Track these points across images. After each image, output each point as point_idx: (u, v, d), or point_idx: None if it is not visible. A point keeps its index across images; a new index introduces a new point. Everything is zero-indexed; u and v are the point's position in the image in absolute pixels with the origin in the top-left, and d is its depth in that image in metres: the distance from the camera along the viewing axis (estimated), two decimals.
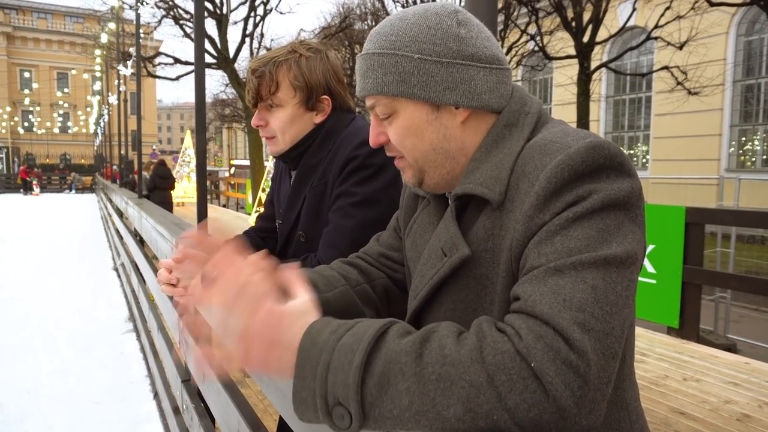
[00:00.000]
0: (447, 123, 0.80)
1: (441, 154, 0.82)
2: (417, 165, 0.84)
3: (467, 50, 0.77)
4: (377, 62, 0.80)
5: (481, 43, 0.79)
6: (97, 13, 20.23)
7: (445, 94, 0.78)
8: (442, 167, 0.83)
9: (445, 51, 0.77)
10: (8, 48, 48.82)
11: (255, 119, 1.38)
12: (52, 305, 6.56)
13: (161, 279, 1.32)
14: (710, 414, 3.00)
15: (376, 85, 0.80)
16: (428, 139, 0.81)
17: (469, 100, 0.78)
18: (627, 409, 0.78)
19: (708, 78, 13.89)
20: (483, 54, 0.78)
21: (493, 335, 0.59)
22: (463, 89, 0.78)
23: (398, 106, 0.81)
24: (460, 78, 0.77)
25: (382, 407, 0.59)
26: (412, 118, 0.80)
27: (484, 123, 0.81)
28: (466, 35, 0.78)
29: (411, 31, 0.78)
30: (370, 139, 0.87)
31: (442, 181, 0.84)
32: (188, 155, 22.80)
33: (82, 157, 52.40)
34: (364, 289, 1.00)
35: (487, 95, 0.79)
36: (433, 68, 0.77)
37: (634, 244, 0.65)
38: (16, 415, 3.64)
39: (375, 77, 0.80)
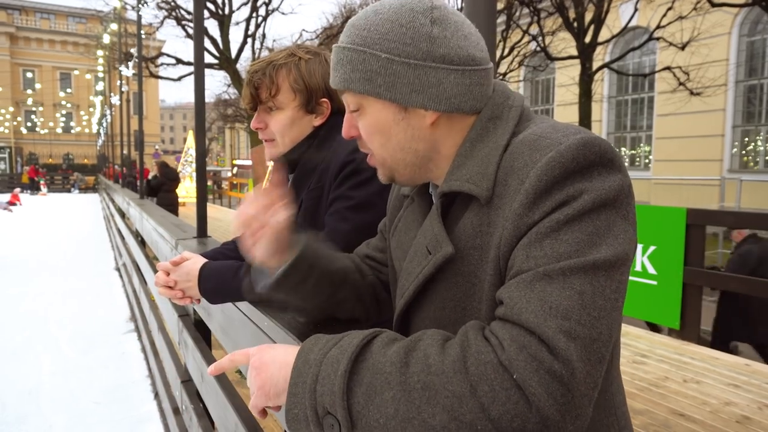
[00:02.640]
0: (415, 124, 0.78)
1: (410, 153, 0.80)
2: (386, 163, 0.83)
3: (438, 51, 0.74)
4: (346, 57, 0.78)
5: (456, 43, 0.75)
6: (100, 14, 20.30)
7: (411, 97, 0.76)
8: (413, 165, 0.81)
9: (414, 51, 0.74)
10: (11, 48, 48.94)
11: (254, 122, 1.39)
12: (54, 305, 6.58)
13: (159, 281, 1.33)
14: (710, 416, 2.99)
15: (343, 80, 0.79)
16: (395, 139, 0.79)
17: (436, 104, 0.76)
18: (615, 414, 0.78)
19: (710, 78, 13.85)
20: (456, 55, 0.75)
21: (477, 345, 0.59)
22: (431, 93, 0.75)
23: (365, 103, 0.79)
24: (427, 81, 0.75)
25: (369, 416, 0.60)
26: (379, 117, 0.79)
27: (458, 123, 0.79)
28: (438, 35, 0.74)
29: (383, 27, 0.75)
30: (344, 131, 0.85)
31: (415, 176, 0.83)
32: (190, 155, 22.80)
33: (85, 157, 52.50)
34: (358, 278, 1.02)
35: (457, 99, 0.76)
36: (401, 69, 0.74)
37: (625, 243, 0.64)
38: (18, 416, 3.66)
39: (343, 72, 0.78)
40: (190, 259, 1.33)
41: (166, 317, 2.89)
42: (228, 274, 1.25)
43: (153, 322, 3.84)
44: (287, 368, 0.69)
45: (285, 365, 0.70)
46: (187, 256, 1.34)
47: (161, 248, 3.07)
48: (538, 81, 22.03)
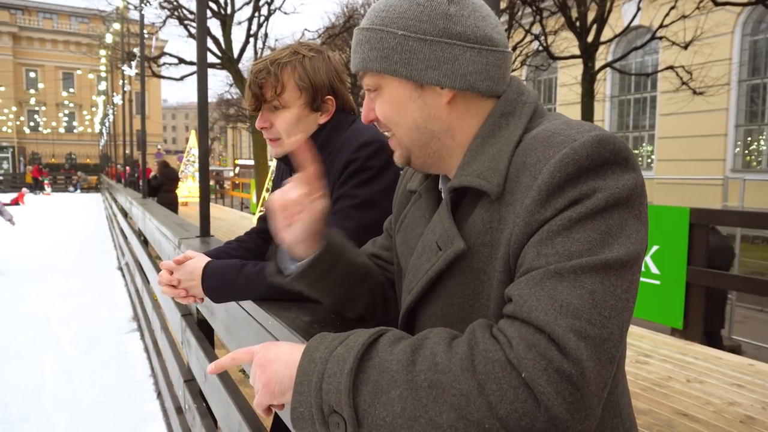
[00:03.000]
0: (431, 102, 0.78)
1: (425, 133, 0.80)
2: (403, 142, 0.83)
3: (454, 29, 0.75)
4: (365, 37, 0.79)
5: (473, 23, 0.75)
6: (102, 14, 20.32)
7: (426, 73, 0.76)
8: (428, 147, 0.81)
9: (430, 28, 0.75)
10: (14, 48, 49.05)
11: (259, 121, 1.37)
12: (57, 305, 6.60)
13: (162, 280, 1.33)
14: (714, 416, 2.98)
15: (362, 60, 0.80)
16: (411, 117, 0.80)
17: (451, 81, 0.76)
18: (621, 416, 0.77)
19: (713, 78, 13.81)
20: (473, 33, 0.75)
21: (485, 343, 0.59)
22: (446, 69, 0.75)
23: (383, 82, 0.80)
24: (443, 57, 0.75)
25: (375, 414, 0.60)
26: (396, 95, 0.79)
27: (474, 106, 0.79)
28: (455, 13, 0.75)
29: (401, 7, 0.76)
30: (362, 115, 0.86)
31: (429, 160, 0.83)
32: (193, 155, 22.83)
33: (88, 157, 52.60)
34: (375, 274, 1.02)
35: (473, 77, 0.76)
36: (416, 45, 0.75)
37: (637, 243, 0.64)
38: (20, 415, 3.67)
39: (362, 52, 0.80)
40: (193, 258, 1.32)
41: (169, 316, 2.89)
42: (232, 273, 1.25)
43: (156, 321, 3.85)
44: (293, 366, 0.69)
45: (290, 363, 0.70)
46: (190, 255, 1.33)
47: (164, 247, 3.07)
48: (541, 80, 22.01)
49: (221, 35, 16.70)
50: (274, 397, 0.71)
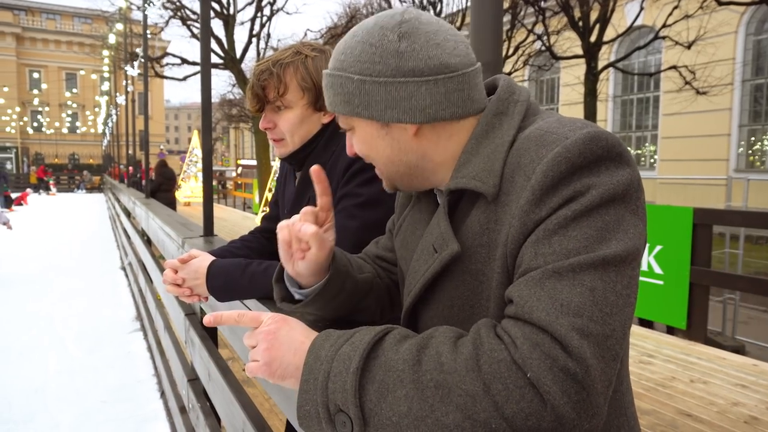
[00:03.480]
0: (398, 137, 0.79)
1: (401, 165, 0.81)
2: (384, 174, 0.85)
3: (407, 65, 0.74)
4: (329, 82, 0.81)
5: (425, 54, 0.74)
6: (105, 14, 20.36)
7: (387, 113, 0.77)
8: (408, 175, 0.83)
9: (384, 69, 0.75)
10: (17, 49, 49.20)
11: (263, 122, 1.37)
12: (60, 305, 6.61)
13: (167, 279, 1.33)
14: (717, 416, 2.98)
15: (330, 103, 0.82)
16: (383, 153, 0.81)
17: (411, 117, 0.76)
18: (626, 414, 0.77)
19: (716, 77, 13.78)
20: (426, 66, 0.74)
21: (490, 343, 0.59)
22: (404, 106, 0.75)
23: (353, 123, 0.82)
24: (398, 96, 0.75)
25: (381, 413, 0.60)
26: (365, 134, 0.81)
27: (445, 131, 0.79)
28: (406, 49, 0.74)
29: (356, 50, 0.77)
30: (347, 150, 0.88)
31: (415, 183, 0.84)
32: (195, 155, 22.88)
33: (91, 157, 52.74)
34: (379, 283, 1.02)
35: (432, 108, 0.76)
36: (372, 88, 0.76)
37: (635, 238, 0.63)
38: (24, 414, 3.68)
39: (328, 96, 0.82)
40: (197, 257, 1.32)
41: (173, 316, 2.89)
42: (236, 271, 1.25)
43: (159, 321, 3.85)
44: (301, 356, 0.69)
45: (300, 352, 0.70)
46: (194, 254, 1.34)
47: (168, 247, 3.08)
48: (543, 80, 21.99)
49: (224, 35, 16.72)
50: (273, 378, 0.71)
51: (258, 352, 0.72)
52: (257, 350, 0.73)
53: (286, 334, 0.72)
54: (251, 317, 0.76)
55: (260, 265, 1.26)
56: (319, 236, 0.82)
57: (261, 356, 0.72)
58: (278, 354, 0.71)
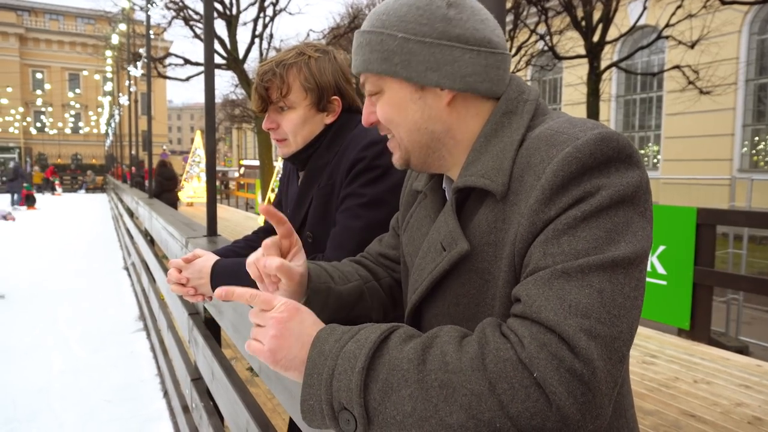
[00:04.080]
0: (431, 103, 0.79)
1: (426, 134, 0.81)
2: (403, 144, 0.83)
3: (453, 31, 0.75)
4: (366, 40, 0.80)
5: (472, 25, 0.76)
6: (108, 15, 20.41)
7: (426, 75, 0.77)
8: (428, 147, 0.82)
9: (430, 31, 0.75)
10: (21, 49, 49.36)
11: (266, 122, 1.38)
12: (64, 304, 6.63)
13: (171, 278, 1.33)
14: (721, 417, 2.97)
15: (363, 62, 0.81)
16: (411, 118, 0.80)
17: (451, 82, 0.76)
18: (625, 416, 0.77)
19: (720, 77, 13.74)
20: (472, 36, 0.76)
21: (495, 342, 0.59)
22: (446, 70, 0.76)
23: (384, 84, 0.81)
24: (443, 59, 0.76)
25: (385, 412, 0.60)
26: (396, 96, 0.80)
27: (474, 107, 0.79)
28: (454, 16, 0.76)
29: (401, 10, 0.77)
30: (363, 119, 0.86)
31: (429, 160, 0.83)
32: (198, 155, 22.92)
33: (93, 157, 52.88)
34: (374, 287, 1.01)
35: (472, 78, 0.77)
36: (416, 48, 0.76)
37: (643, 241, 0.63)
38: (29, 413, 3.69)
39: (362, 54, 0.81)
40: (202, 256, 1.33)
41: (176, 315, 2.90)
42: (241, 271, 1.25)
43: (162, 320, 3.86)
44: (307, 349, 0.69)
45: (306, 346, 0.69)
46: (199, 254, 1.34)
47: (171, 247, 3.09)
48: (546, 80, 21.96)
49: (227, 36, 16.76)
50: (275, 365, 0.71)
51: (265, 336, 0.71)
52: (264, 333, 0.71)
53: (297, 325, 0.71)
54: (264, 299, 0.74)
55: None
56: (285, 268, 0.82)
57: (267, 342, 0.71)
58: (286, 344, 0.70)
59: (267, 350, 0.71)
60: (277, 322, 0.71)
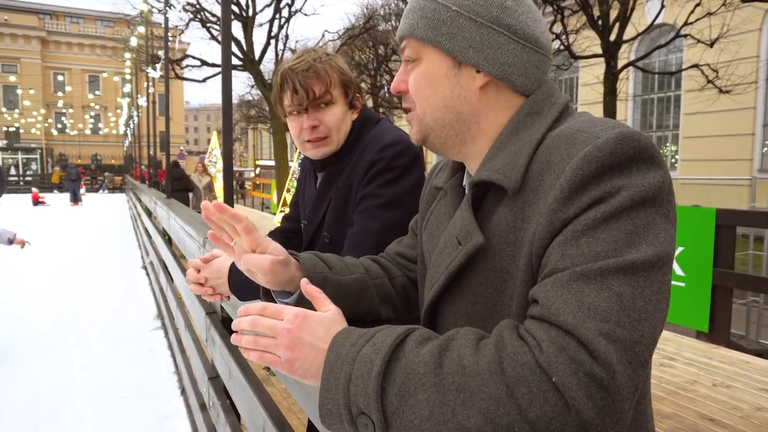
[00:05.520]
0: (464, 83, 0.79)
1: (452, 113, 0.81)
2: (425, 119, 0.83)
3: (506, 20, 0.77)
4: (420, 5, 0.81)
5: (524, 20, 0.78)
6: (127, 17, 20.69)
7: (468, 52, 0.77)
8: (450, 128, 0.82)
9: (484, 12, 0.77)
10: (42, 52, 50.27)
11: (310, 120, 1.34)
12: (84, 303, 6.74)
13: (190, 278, 1.35)
14: (741, 421, 2.92)
15: (410, 26, 0.82)
16: (442, 94, 0.80)
17: (489, 66, 0.77)
18: (646, 427, 0.76)
19: (740, 76, 13.50)
20: (522, 30, 0.77)
21: (513, 345, 0.58)
22: (488, 53, 0.77)
23: (423, 53, 0.81)
24: (488, 42, 0.77)
25: (403, 417, 0.60)
26: (433, 68, 0.80)
27: (505, 99, 0.80)
28: (511, 7, 0.77)
29: None
30: (392, 85, 0.87)
31: (449, 141, 0.83)
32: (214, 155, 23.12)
33: (112, 158, 53.64)
34: (384, 284, 1.01)
35: (511, 68, 0.77)
36: (466, 24, 0.77)
37: (666, 243, 0.62)
38: (51, 409, 3.76)
39: (411, 18, 0.81)
40: (220, 256, 1.35)
41: (194, 314, 2.93)
42: None
43: (180, 319, 3.91)
44: (323, 355, 0.69)
45: (321, 353, 0.70)
46: (217, 254, 1.36)
47: (189, 246, 3.12)
48: (562, 80, 21.77)
49: (243, 37, 16.89)
50: (293, 375, 0.72)
51: (279, 349, 0.72)
52: (277, 346, 0.72)
53: (309, 334, 0.72)
54: (274, 310, 0.75)
55: None
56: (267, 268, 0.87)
57: (282, 354, 0.71)
58: (300, 354, 0.71)
59: (284, 362, 0.72)
60: (289, 332, 0.71)
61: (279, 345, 0.72)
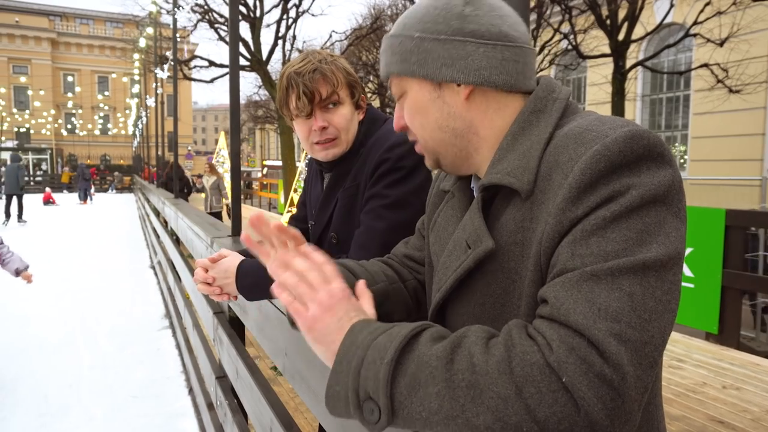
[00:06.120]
0: (450, 101, 0.80)
1: (448, 132, 0.82)
2: (428, 145, 0.85)
3: (468, 27, 0.77)
4: (389, 44, 0.83)
5: (488, 21, 0.77)
6: (136, 19, 20.84)
7: (441, 71, 0.78)
8: (453, 146, 0.82)
9: (445, 28, 0.77)
10: (53, 53, 50.72)
11: (319, 121, 1.33)
12: (92, 302, 6.79)
13: (198, 278, 1.36)
14: (751, 424, 2.90)
15: (386, 65, 0.84)
16: (433, 117, 0.82)
17: (465, 76, 0.77)
18: (658, 428, 0.76)
19: (750, 75, 13.38)
20: (487, 31, 0.77)
21: (522, 345, 0.58)
22: (460, 65, 0.77)
23: (406, 86, 0.83)
24: (456, 54, 0.77)
25: (411, 407, 0.60)
26: (417, 97, 0.82)
27: (495, 102, 0.79)
28: (470, 13, 0.77)
29: (419, 11, 0.80)
30: (394, 124, 0.89)
31: (457, 160, 0.84)
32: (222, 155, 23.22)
33: (121, 158, 54.01)
34: (399, 288, 1.01)
35: (487, 71, 0.77)
36: (431, 46, 0.78)
37: (677, 242, 0.61)
38: (60, 407, 3.79)
39: (385, 58, 0.84)
40: (227, 256, 1.35)
41: (201, 314, 2.95)
42: (265, 271, 1.27)
43: (188, 319, 3.93)
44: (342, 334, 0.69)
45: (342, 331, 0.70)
46: (225, 254, 1.36)
47: (196, 246, 3.14)
48: (570, 80, 21.68)
49: (250, 38, 16.96)
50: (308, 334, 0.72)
51: (313, 303, 0.72)
52: (314, 299, 0.72)
53: (344, 310, 0.72)
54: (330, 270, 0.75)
55: None
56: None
57: (313, 308, 0.71)
58: (327, 319, 0.71)
59: (308, 317, 0.72)
60: (332, 296, 0.72)
61: (315, 299, 0.72)
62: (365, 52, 22.37)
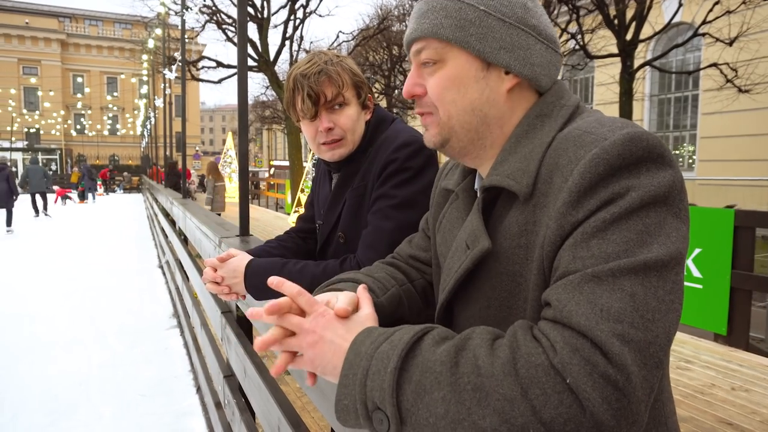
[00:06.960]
0: (493, 85, 0.78)
1: (478, 116, 0.79)
2: (450, 123, 0.80)
3: (531, 20, 0.77)
4: (440, 4, 0.78)
5: (545, 21, 0.79)
6: (145, 20, 20.96)
7: (499, 53, 0.76)
8: (474, 132, 0.80)
9: (510, 12, 0.76)
10: (62, 54, 51.16)
11: (325, 122, 1.34)
12: (101, 301, 6.84)
13: (206, 277, 1.37)
14: (761, 426, 2.88)
15: (433, 26, 0.78)
16: (470, 97, 0.78)
17: (521, 66, 0.76)
18: (666, 424, 0.75)
19: (760, 75, 13.28)
20: (544, 30, 0.78)
21: (527, 346, 0.58)
22: (519, 54, 0.76)
23: (448, 55, 0.78)
24: (518, 42, 0.76)
25: (418, 414, 0.60)
26: (460, 70, 0.78)
27: (526, 101, 0.80)
28: (532, 7, 0.78)
29: None
30: (404, 89, 0.83)
31: (470, 146, 0.81)
32: (230, 156, 23.33)
33: (130, 158, 54.37)
34: (408, 289, 1.01)
35: (539, 69, 0.78)
36: (495, 24, 0.76)
37: (678, 242, 0.61)
38: (69, 405, 3.82)
39: (434, 18, 0.78)
40: (236, 256, 1.36)
41: (209, 313, 2.97)
42: (273, 270, 1.28)
43: (196, 318, 3.95)
44: (341, 355, 0.70)
45: (340, 352, 0.70)
46: (233, 253, 1.38)
47: (204, 246, 3.16)
48: (577, 80, 21.59)
49: (258, 38, 17.02)
50: (315, 371, 0.73)
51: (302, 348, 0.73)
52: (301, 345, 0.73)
53: (330, 334, 0.72)
54: (308, 300, 0.75)
55: (296, 265, 1.29)
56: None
57: (307, 353, 0.73)
58: (320, 352, 0.72)
59: (306, 360, 0.73)
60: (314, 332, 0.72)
61: (303, 345, 0.73)
62: (372, 53, 22.38)
